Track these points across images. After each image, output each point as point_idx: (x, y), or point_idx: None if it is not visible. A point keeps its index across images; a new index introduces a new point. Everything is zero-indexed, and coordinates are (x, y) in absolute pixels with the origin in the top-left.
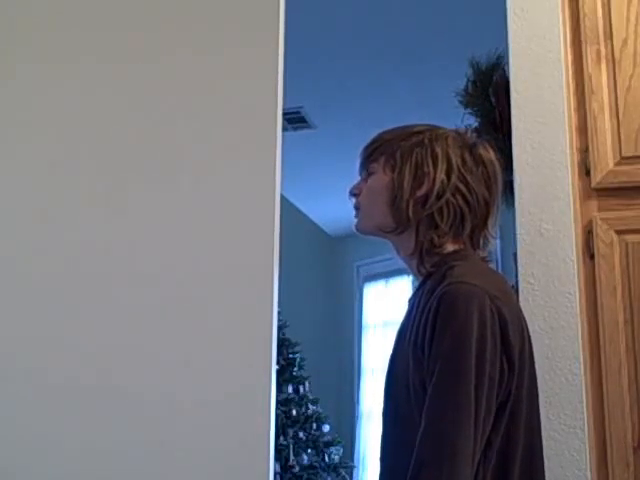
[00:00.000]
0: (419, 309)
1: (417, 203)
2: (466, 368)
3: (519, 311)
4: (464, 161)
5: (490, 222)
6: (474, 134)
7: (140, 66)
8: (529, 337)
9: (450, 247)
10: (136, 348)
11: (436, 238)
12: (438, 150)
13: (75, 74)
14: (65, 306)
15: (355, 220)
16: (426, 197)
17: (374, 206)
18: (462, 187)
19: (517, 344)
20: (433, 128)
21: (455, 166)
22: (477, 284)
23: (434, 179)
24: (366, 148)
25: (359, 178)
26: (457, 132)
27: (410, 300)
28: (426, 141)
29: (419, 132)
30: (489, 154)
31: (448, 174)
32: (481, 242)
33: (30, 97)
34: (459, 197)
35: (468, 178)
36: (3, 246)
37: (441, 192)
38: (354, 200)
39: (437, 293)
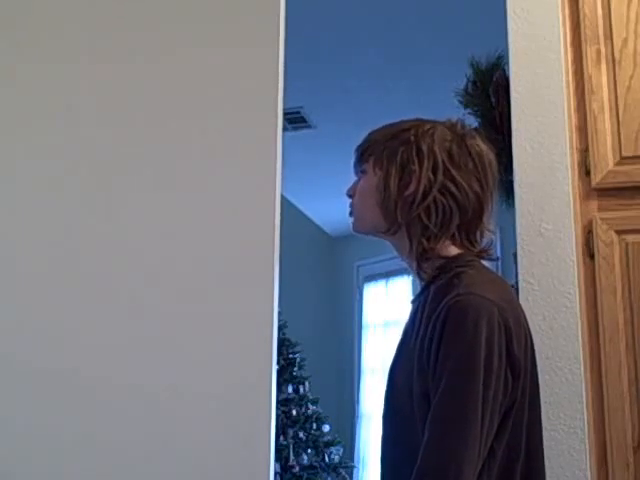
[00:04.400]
0: (424, 315)
1: (405, 203)
2: (473, 384)
3: (523, 318)
4: (451, 156)
5: (485, 216)
6: (464, 125)
7: (140, 66)
8: (532, 344)
9: (452, 250)
10: (136, 348)
11: (426, 242)
12: (424, 147)
13: (75, 74)
14: (66, 303)
15: (350, 220)
16: (413, 196)
17: (366, 207)
18: (449, 184)
19: (521, 355)
20: (419, 124)
21: (440, 163)
22: (486, 296)
23: (420, 177)
24: (357, 149)
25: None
26: (445, 125)
27: (414, 302)
28: (412, 139)
29: (405, 130)
30: (478, 145)
31: (434, 171)
32: (478, 237)
33: (30, 97)
34: (447, 195)
35: (455, 174)
36: (4, 244)
37: (427, 190)
38: (350, 201)
39: (445, 303)
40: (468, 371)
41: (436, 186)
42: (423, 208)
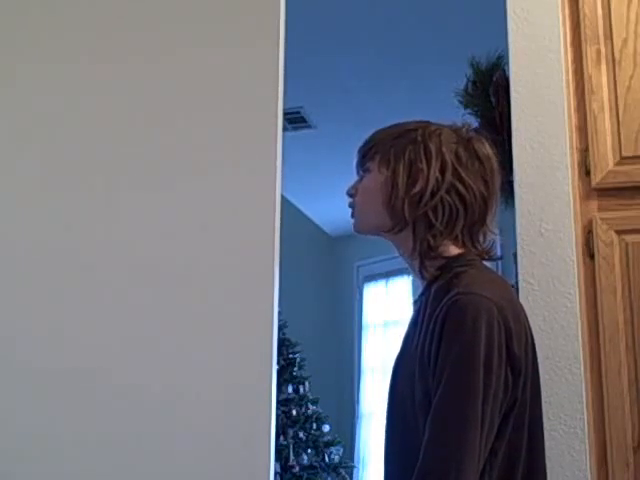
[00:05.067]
0: (425, 315)
1: (412, 201)
2: (473, 382)
3: (523, 317)
4: (458, 157)
5: (489, 218)
6: (470, 129)
7: (140, 66)
8: (533, 343)
9: (453, 250)
10: (136, 348)
11: (431, 239)
12: (431, 147)
13: (75, 74)
14: (65, 301)
15: (352, 220)
16: (420, 195)
17: (370, 205)
18: (457, 184)
19: (521, 354)
20: (426, 125)
21: (449, 162)
22: (485, 295)
23: (428, 176)
24: (361, 148)
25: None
26: (451, 128)
27: (416, 303)
28: (419, 138)
29: (412, 129)
30: (485, 149)
31: (442, 171)
32: (481, 239)
33: (30, 97)
34: (454, 194)
35: (463, 174)
36: (4, 241)
37: (435, 189)
38: (350, 200)
39: (445, 302)
40: (468, 370)
41: (444, 186)
42: (431, 207)
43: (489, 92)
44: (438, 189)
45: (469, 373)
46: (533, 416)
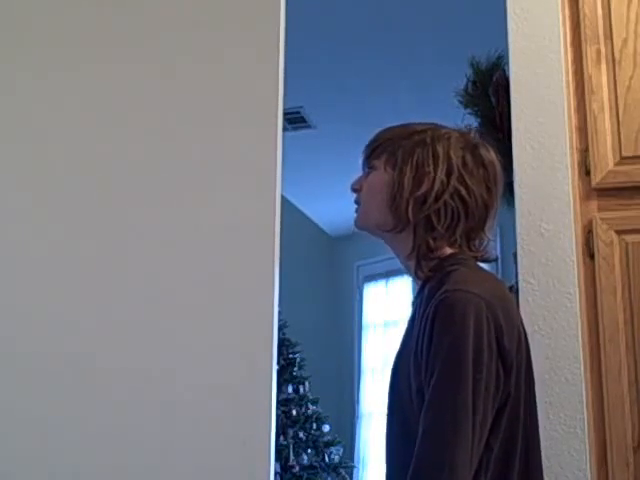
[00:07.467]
0: (419, 315)
1: (416, 203)
2: (463, 377)
3: (515, 314)
4: (464, 162)
5: (488, 224)
6: (477, 135)
7: (140, 67)
8: (526, 340)
9: (447, 250)
10: (136, 348)
11: (432, 241)
12: (439, 150)
13: (75, 76)
14: (65, 299)
15: (355, 215)
16: (425, 197)
17: (374, 203)
18: (461, 189)
19: (513, 349)
20: (435, 127)
21: (455, 167)
22: (474, 291)
23: (434, 179)
24: (368, 146)
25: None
26: (460, 132)
27: (413, 304)
28: (428, 140)
29: (421, 131)
30: (490, 155)
31: (448, 175)
32: (477, 243)
33: (30, 99)
34: (457, 199)
35: (467, 180)
36: (4, 241)
37: (440, 193)
38: (355, 195)
39: (434, 300)
40: (457, 364)
41: (449, 190)
42: (434, 210)
43: (489, 92)
44: (442, 192)
45: (458, 367)
46: (528, 412)
